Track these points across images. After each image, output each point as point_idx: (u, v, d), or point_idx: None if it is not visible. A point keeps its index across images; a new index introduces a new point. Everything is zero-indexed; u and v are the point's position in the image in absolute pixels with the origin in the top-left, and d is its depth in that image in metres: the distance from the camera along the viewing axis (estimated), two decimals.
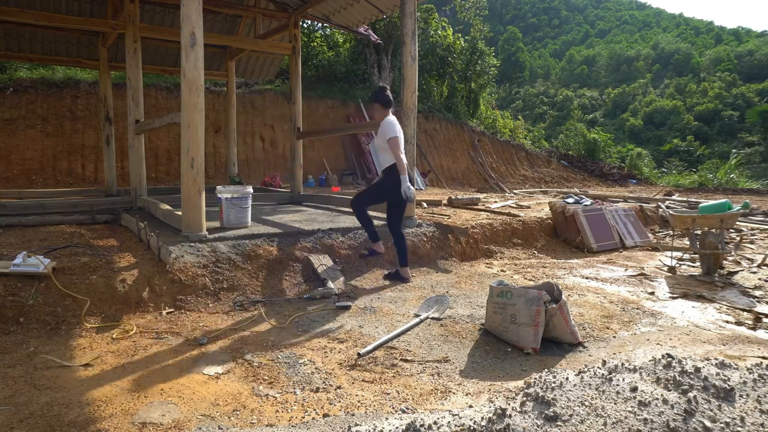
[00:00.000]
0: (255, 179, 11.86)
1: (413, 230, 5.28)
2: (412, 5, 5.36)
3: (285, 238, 4.57)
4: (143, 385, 2.42)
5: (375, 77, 16.06)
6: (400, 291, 4.22)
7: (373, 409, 2.25)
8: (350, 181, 13.25)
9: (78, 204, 6.10)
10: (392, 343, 3.02)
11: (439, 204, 8.32)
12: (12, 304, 3.13)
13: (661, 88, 57.04)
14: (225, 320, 3.44)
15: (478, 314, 3.54)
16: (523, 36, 66.88)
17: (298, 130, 7.56)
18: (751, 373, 1.39)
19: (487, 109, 20.50)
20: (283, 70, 12.98)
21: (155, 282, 3.65)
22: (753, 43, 62.54)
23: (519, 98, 57.26)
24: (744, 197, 11.74)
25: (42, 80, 10.90)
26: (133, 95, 6.27)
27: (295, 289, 4.09)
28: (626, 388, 1.34)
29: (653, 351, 2.97)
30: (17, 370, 2.56)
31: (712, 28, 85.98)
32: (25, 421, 2.06)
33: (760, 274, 4.93)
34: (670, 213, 5.52)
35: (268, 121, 13.26)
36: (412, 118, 5.38)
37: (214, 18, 8.76)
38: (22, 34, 7.98)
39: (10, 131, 10.15)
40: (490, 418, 1.26)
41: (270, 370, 2.64)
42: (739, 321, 3.60)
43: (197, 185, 4.20)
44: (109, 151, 8.34)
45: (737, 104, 46.79)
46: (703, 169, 19.65)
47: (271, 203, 7.70)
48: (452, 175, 15.59)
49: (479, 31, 19.93)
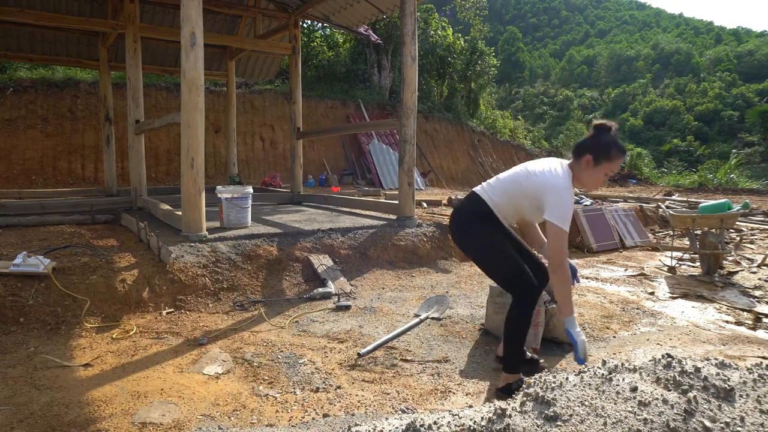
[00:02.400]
0: (255, 179, 11.86)
1: (413, 230, 5.28)
2: (412, 5, 5.36)
3: (285, 238, 4.57)
4: (143, 385, 2.42)
5: (375, 77, 16.06)
6: (400, 291, 4.22)
7: (373, 409, 2.25)
8: (350, 181, 13.25)
9: (78, 204, 6.10)
10: (392, 343, 3.02)
11: (439, 204, 8.32)
12: (12, 304, 3.13)
13: (661, 88, 57.01)
14: (225, 320, 3.44)
15: (478, 314, 3.54)
16: (523, 36, 66.92)
17: (298, 130, 7.56)
18: (751, 373, 1.39)
19: (487, 109, 20.50)
20: (283, 70, 12.98)
21: (155, 282, 3.65)
22: (753, 43, 62.52)
23: (519, 98, 57.24)
24: (744, 197, 11.74)
25: (42, 80, 10.90)
26: (133, 95, 6.27)
27: (295, 289, 4.09)
28: (626, 388, 1.34)
29: (653, 351, 2.97)
30: (17, 370, 2.56)
31: (712, 28, 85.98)
32: (25, 421, 2.06)
33: (760, 274, 4.93)
34: (670, 213, 5.52)
35: (268, 121, 13.26)
36: (412, 118, 5.37)
37: (214, 18, 8.76)
38: (22, 34, 7.98)
39: (10, 131, 10.15)
40: (490, 418, 1.26)
41: (270, 370, 2.64)
42: (739, 321, 3.60)
43: (197, 185, 4.20)
44: (109, 151, 8.34)
45: (737, 104, 46.76)
46: (703, 169, 19.66)
47: (271, 203, 7.70)
48: (452, 175, 15.59)
49: (479, 31, 19.93)
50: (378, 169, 13.17)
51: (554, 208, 2.25)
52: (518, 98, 57.16)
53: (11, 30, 7.82)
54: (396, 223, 5.42)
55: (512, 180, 2.48)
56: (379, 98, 15.47)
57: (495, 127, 19.28)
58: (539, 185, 2.34)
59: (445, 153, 15.96)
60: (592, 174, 2.37)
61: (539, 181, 2.35)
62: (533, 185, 2.37)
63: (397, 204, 5.60)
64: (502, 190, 2.49)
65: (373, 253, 4.84)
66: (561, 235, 2.23)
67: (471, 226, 2.54)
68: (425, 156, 14.90)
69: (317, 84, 14.75)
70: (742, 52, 59.04)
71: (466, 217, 2.58)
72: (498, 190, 2.50)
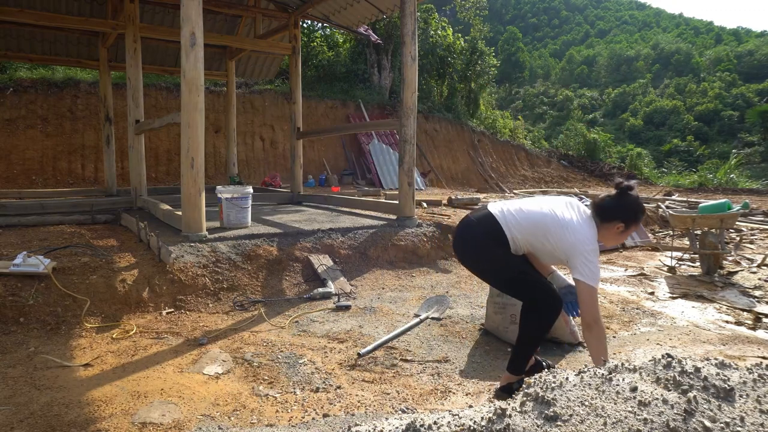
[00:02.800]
0: (255, 179, 11.86)
1: (413, 230, 5.28)
2: (412, 5, 5.36)
3: (285, 238, 4.57)
4: (143, 385, 2.42)
5: (375, 77, 16.06)
6: (400, 291, 4.22)
7: (373, 409, 2.25)
8: (350, 181, 13.25)
9: (78, 204, 6.10)
10: (392, 343, 3.02)
11: (439, 204, 8.32)
12: (12, 304, 3.13)
13: (661, 88, 57.01)
14: (225, 320, 3.44)
15: (478, 314, 3.54)
16: (523, 36, 66.87)
17: (298, 130, 7.56)
18: (751, 373, 1.39)
19: (487, 109, 20.49)
20: (283, 70, 12.98)
21: (155, 282, 3.65)
22: (753, 43, 62.52)
23: (519, 98, 57.23)
24: (744, 197, 11.74)
25: (42, 80, 10.90)
26: (133, 95, 6.27)
27: (295, 289, 4.09)
28: (626, 388, 1.34)
29: (653, 351, 2.97)
30: (17, 370, 2.56)
31: (712, 28, 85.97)
32: (25, 421, 2.06)
33: (760, 274, 4.93)
34: (670, 213, 5.52)
35: (268, 121, 13.26)
36: (412, 118, 5.37)
37: (214, 18, 8.76)
38: (22, 34, 7.98)
39: (10, 131, 10.15)
40: (490, 418, 1.26)
41: (270, 370, 2.64)
42: (739, 321, 3.60)
43: (197, 185, 4.20)
44: (109, 151, 8.35)
45: (737, 104, 46.76)
46: (703, 169, 19.66)
47: (271, 203, 7.70)
48: (452, 175, 15.59)
49: (479, 31, 19.94)
50: (378, 169, 13.17)
51: (585, 267, 2.24)
52: (518, 98, 57.15)
53: (11, 30, 7.82)
54: (396, 223, 5.42)
55: (539, 224, 2.39)
56: (379, 98, 15.48)
57: (495, 127, 19.28)
58: (568, 243, 2.31)
59: (445, 153, 15.96)
60: (619, 237, 2.40)
61: (570, 240, 2.30)
62: (562, 240, 2.33)
63: (397, 204, 5.60)
64: (526, 230, 2.42)
65: (373, 253, 4.84)
66: (593, 293, 2.24)
67: (488, 247, 2.48)
68: (425, 156, 14.90)
69: (317, 84, 14.75)
70: (742, 52, 59.04)
71: (481, 237, 2.49)
72: (521, 228, 2.42)
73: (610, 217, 2.36)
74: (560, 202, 2.48)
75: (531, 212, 2.44)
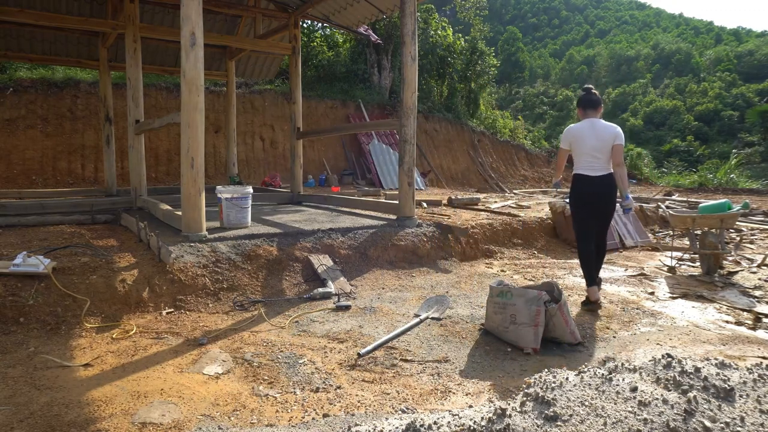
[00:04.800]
0: (255, 179, 11.86)
1: (413, 230, 5.28)
2: (412, 5, 5.36)
3: (285, 238, 4.57)
4: (143, 385, 2.42)
5: (375, 77, 16.06)
6: (400, 291, 4.22)
7: (373, 409, 2.25)
8: (350, 181, 13.25)
9: (78, 204, 6.10)
10: (392, 343, 3.02)
11: (439, 204, 8.32)
12: (12, 304, 3.13)
13: (661, 88, 57.00)
14: (225, 320, 3.44)
15: (478, 314, 3.54)
16: (523, 36, 66.81)
17: (298, 130, 7.56)
18: (751, 373, 1.39)
19: (487, 109, 20.49)
20: (283, 70, 12.98)
21: (155, 282, 3.65)
22: (753, 43, 62.50)
23: (519, 98, 57.19)
24: (744, 197, 11.74)
25: (42, 80, 10.90)
26: (133, 95, 6.27)
27: (295, 289, 4.09)
28: (626, 388, 1.34)
29: (653, 351, 2.97)
30: (17, 370, 2.56)
31: (712, 28, 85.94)
32: (25, 421, 2.06)
33: (760, 274, 4.93)
34: (670, 213, 5.52)
35: (268, 121, 13.26)
36: (412, 118, 5.38)
37: (214, 18, 8.76)
38: (22, 34, 7.98)
39: (10, 131, 10.15)
40: (490, 418, 1.26)
41: (270, 370, 2.64)
42: (739, 321, 3.60)
43: (197, 185, 4.20)
44: (109, 151, 8.35)
45: (737, 104, 46.75)
46: (703, 169, 19.64)
47: (271, 203, 7.70)
48: (452, 175, 15.59)
49: (479, 31, 19.92)
50: (378, 169, 13.17)
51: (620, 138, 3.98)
52: (518, 98, 57.11)
53: (11, 30, 7.83)
54: (396, 223, 5.42)
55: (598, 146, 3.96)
56: (379, 98, 15.47)
57: (495, 127, 19.27)
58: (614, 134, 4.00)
59: (445, 153, 15.96)
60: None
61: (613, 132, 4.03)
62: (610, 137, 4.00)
63: (397, 204, 5.60)
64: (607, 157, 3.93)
65: (373, 253, 4.84)
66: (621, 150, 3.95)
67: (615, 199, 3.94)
68: (425, 156, 14.90)
69: (317, 84, 14.75)
70: (742, 52, 59.03)
71: (616, 192, 3.90)
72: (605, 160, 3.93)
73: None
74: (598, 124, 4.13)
75: (599, 146, 3.98)
